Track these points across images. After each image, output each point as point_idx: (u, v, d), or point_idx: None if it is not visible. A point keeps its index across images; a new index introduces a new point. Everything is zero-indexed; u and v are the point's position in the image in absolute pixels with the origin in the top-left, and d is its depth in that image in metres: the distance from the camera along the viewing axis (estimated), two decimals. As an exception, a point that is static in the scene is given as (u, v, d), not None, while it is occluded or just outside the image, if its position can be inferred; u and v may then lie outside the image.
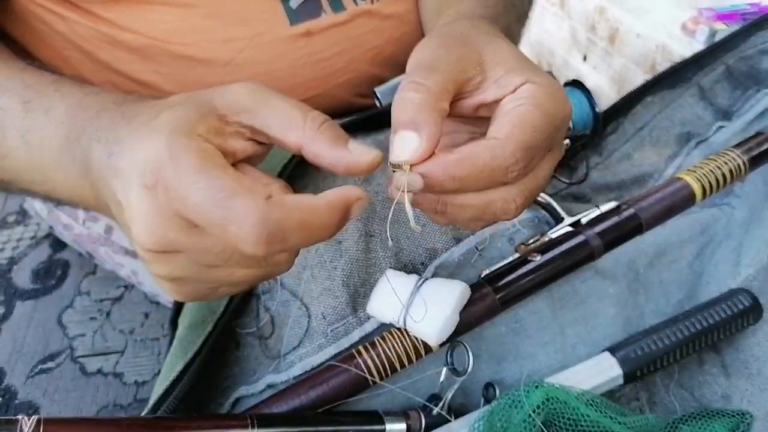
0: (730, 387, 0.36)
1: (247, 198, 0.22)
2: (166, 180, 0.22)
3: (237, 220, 0.22)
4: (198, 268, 0.25)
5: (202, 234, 0.23)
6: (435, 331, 0.31)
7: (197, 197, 0.22)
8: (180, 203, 0.22)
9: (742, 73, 0.48)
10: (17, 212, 0.72)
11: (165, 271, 0.25)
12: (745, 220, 0.42)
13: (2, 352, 0.54)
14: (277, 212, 0.22)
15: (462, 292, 0.32)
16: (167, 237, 0.23)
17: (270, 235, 0.22)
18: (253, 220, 0.22)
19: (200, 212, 0.22)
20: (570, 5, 1.06)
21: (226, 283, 0.26)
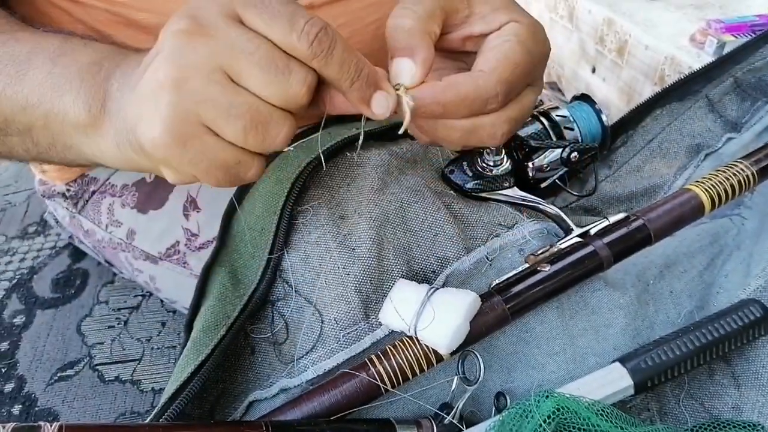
0: (741, 398, 0.36)
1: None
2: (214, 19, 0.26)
3: (305, 15, 0.26)
4: (212, 68, 0.26)
5: (241, 27, 0.26)
6: (445, 340, 0.32)
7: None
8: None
9: (750, 84, 0.48)
10: (38, 223, 0.73)
11: (177, 64, 0.26)
12: (756, 231, 0.42)
13: (23, 360, 0.55)
14: (330, 27, 0.27)
15: (472, 302, 0.33)
16: (209, 18, 0.26)
17: (326, 34, 0.26)
18: (317, 19, 0.26)
19: (273, 5, 0.26)
20: (579, 18, 1.07)
21: (225, 106, 0.26)
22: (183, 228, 0.48)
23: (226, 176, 0.28)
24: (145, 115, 0.27)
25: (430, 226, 0.39)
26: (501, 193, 0.42)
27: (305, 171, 0.38)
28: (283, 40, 0.26)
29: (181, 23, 0.26)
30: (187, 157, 0.27)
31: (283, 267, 0.37)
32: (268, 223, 0.37)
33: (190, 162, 0.27)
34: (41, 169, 0.56)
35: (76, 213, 0.55)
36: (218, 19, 0.26)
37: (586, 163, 0.44)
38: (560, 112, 0.45)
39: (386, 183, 0.39)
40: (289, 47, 0.26)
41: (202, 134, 0.27)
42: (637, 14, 0.93)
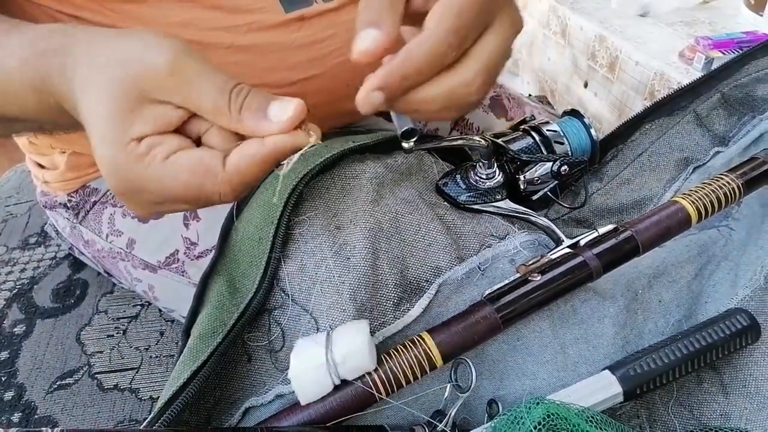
0: (729, 405, 0.37)
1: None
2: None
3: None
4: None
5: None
6: (368, 358, 0.32)
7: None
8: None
9: (737, 100, 0.50)
10: (38, 234, 0.74)
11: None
12: (743, 242, 0.43)
13: (23, 368, 0.55)
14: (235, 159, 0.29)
15: (366, 325, 0.34)
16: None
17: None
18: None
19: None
20: (571, 34, 1.09)
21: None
22: (182, 237, 0.49)
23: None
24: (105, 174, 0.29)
25: (424, 237, 0.40)
26: (493, 205, 0.43)
27: (302, 182, 0.39)
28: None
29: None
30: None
31: (280, 276, 0.38)
32: (266, 232, 0.38)
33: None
34: (43, 180, 0.57)
35: (76, 223, 0.56)
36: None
37: (577, 176, 0.45)
38: (551, 127, 0.47)
39: (381, 194, 0.40)
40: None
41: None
42: (628, 31, 0.95)
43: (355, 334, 0.33)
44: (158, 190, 0.29)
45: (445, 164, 0.48)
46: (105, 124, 0.28)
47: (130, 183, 0.29)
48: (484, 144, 0.42)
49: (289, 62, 0.47)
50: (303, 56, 0.47)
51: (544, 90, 1.26)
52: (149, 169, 0.28)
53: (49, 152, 0.54)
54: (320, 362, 0.32)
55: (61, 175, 0.54)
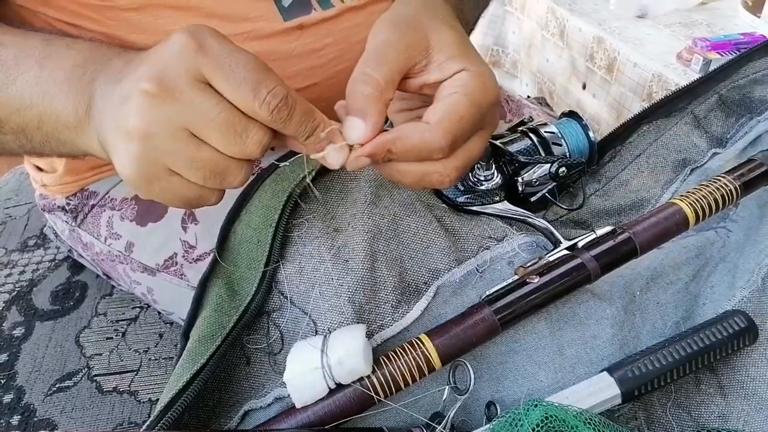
0: (727, 407, 0.37)
1: (279, 77, 0.29)
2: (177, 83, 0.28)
3: (269, 84, 0.28)
4: (176, 127, 0.28)
5: (205, 91, 0.28)
6: (363, 363, 0.32)
7: (241, 60, 0.29)
8: (218, 62, 0.28)
9: (734, 101, 0.50)
10: (37, 236, 0.74)
11: (144, 120, 0.28)
12: (741, 243, 0.43)
13: (22, 371, 0.55)
14: (295, 94, 0.30)
15: (362, 329, 0.34)
16: (175, 80, 0.28)
17: (286, 103, 0.29)
18: (281, 88, 0.29)
19: (240, 71, 0.28)
20: (569, 36, 1.09)
21: (187, 159, 0.29)
22: (181, 240, 0.49)
23: (190, 205, 0.32)
24: (117, 153, 0.30)
25: (422, 239, 0.40)
26: (491, 207, 0.44)
27: (300, 185, 0.39)
28: (246, 107, 0.28)
29: (148, 84, 0.28)
30: (154, 192, 0.31)
31: (279, 278, 0.38)
32: (264, 235, 0.38)
33: (157, 195, 0.31)
34: (41, 183, 0.57)
35: (75, 226, 0.56)
36: (184, 82, 0.28)
37: (575, 177, 0.45)
38: (549, 129, 0.47)
39: (379, 197, 0.40)
40: (250, 112, 0.29)
41: (168, 176, 0.30)
42: (626, 32, 0.95)
43: (351, 339, 0.33)
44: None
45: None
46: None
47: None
48: (482, 146, 0.42)
49: (288, 71, 0.47)
50: (302, 65, 0.47)
51: (542, 91, 1.26)
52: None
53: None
54: (315, 366, 0.32)
55: (59, 178, 0.54)
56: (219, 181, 0.30)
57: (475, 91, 0.33)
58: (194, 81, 0.28)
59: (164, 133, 0.28)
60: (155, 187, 0.30)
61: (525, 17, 1.32)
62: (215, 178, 0.30)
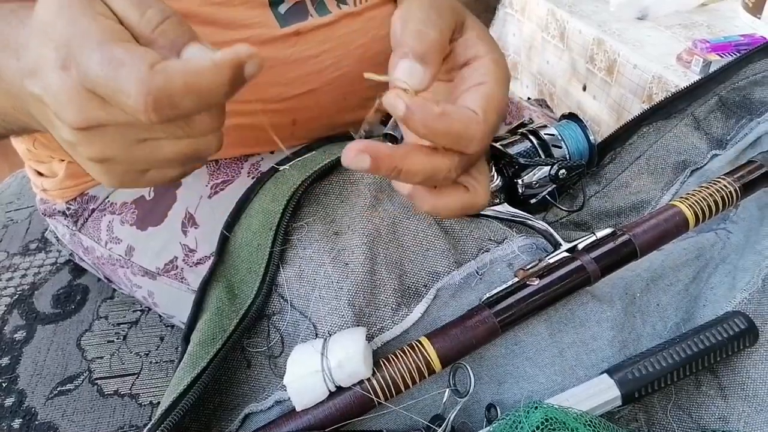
0: (728, 408, 0.37)
1: (131, 67, 0.22)
2: (74, 58, 0.23)
3: (124, 89, 0.22)
4: (126, 143, 0.26)
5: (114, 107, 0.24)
6: (363, 366, 0.32)
7: (92, 71, 0.23)
8: (84, 77, 0.23)
9: (735, 103, 0.50)
10: (39, 240, 0.74)
11: (95, 151, 0.26)
12: (741, 245, 0.43)
13: (23, 374, 0.56)
14: (158, 79, 0.22)
15: (362, 332, 0.34)
16: (91, 112, 0.24)
17: (156, 101, 0.22)
18: (137, 88, 0.22)
19: (97, 84, 0.23)
20: (569, 37, 1.09)
21: (155, 161, 0.27)
22: (181, 244, 0.49)
23: (182, 178, 0.30)
24: (88, 170, 0.28)
25: (422, 242, 0.40)
26: (491, 209, 0.44)
27: (300, 188, 0.39)
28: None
29: (74, 122, 0.25)
30: (142, 185, 0.29)
31: (279, 282, 0.38)
32: (264, 239, 0.38)
33: (147, 185, 0.30)
34: (42, 188, 0.57)
35: (76, 231, 0.56)
36: (97, 110, 0.24)
37: (575, 179, 0.45)
38: (548, 131, 0.47)
39: (379, 200, 0.40)
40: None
41: (146, 173, 0.28)
42: (626, 34, 0.95)
43: (351, 342, 0.33)
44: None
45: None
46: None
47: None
48: (481, 148, 0.42)
49: (285, 77, 0.47)
50: (299, 71, 0.47)
51: (542, 93, 1.27)
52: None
53: (47, 160, 0.55)
54: (315, 369, 0.32)
55: (59, 182, 0.54)
56: (196, 159, 0.28)
57: (502, 78, 0.31)
58: (97, 103, 0.24)
59: (120, 152, 0.26)
60: (141, 184, 0.29)
61: (525, 19, 1.32)
62: (190, 159, 0.28)
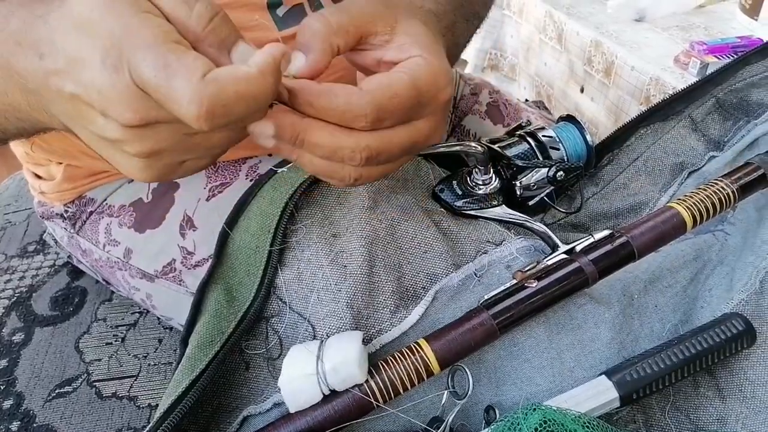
0: (725, 410, 0.37)
1: (185, 77, 0.23)
2: (127, 56, 0.23)
3: (177, 98, 0.23)
4: (178, 137, 0.26)
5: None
6: (357, 371, 0.32)
7: (145, 76, 0.23)
8: (139, 79, 0.23)
9: (732, 105, 0.50)
10: (37, 242, 0.74)
11: (146, 146, 0.26)
12: (738, 246, 0.43)
13: (21, 377, 0.55)
14: (211, 88, 0.23)
15: (359, 336, 0.34)
16: (146, 111, 0.24)
17: (209, 111, 0.23)
18: (189, 98, 0.23)
19: (151, 89, 0.23)
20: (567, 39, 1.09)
21: (204, 150, 0.28)
22: (179, 246, 0.49)
23: (217, 157, 0.30)
24: (124, 167, 0.28)
25: (420, 244, 0.40)
26: (489, 211, 0.44)
27: (298, 191, 0.39)
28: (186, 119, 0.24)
29: (127, 118, 0.25)
30: (171, 179, 0.29)
31: (277, 284, 0.38)
32: (263, 241, 0.38)
33: (180, 177, 0.29)
34: (39, 190, 0.57)
35: (74, 233, 0.56)
36: (150, 108, 0.25)
37: (572, 181, 0.45)
38: (546, 133, 0.47)
39: (377, 202, 0.40)
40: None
41: (182, 165, 0.28)
42: (624, 36, 0.96)
43: (347, 346, 0.33)
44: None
45: (442, 170, 0.49)
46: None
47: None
48: (480, 150, 0.42)
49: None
50: None
51: (540, 95, 1.27)
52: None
53: (45, 163, 0.55)
54: (310, 372, 0.32)
55: (57, 185, 0.54)
56: (237, 142, 0.28)
57: (420, 75, 0.30)
58: (150, 103, 0.24)
59: (172, 146, 0.27)
60: (172, 177, 0.29)
61: (523, 21, 1.32)
62: (234, 143, 0.28)
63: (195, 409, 0.35)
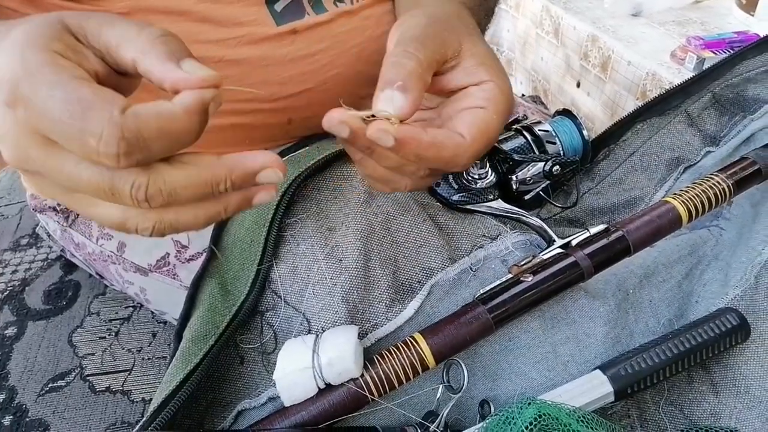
0: (719, 405, 0.37)
1: (104, 110, 0.22)
2: (24, 96, 0.22)
3: (94, 131, 0.21)
4: (62, 190, 0.25)
5: (61, 153, 0.23)
6: (353, 365, 0.32)
7: (54, 111, 0.22)
8: (37, 119, 0.22)
9: (728, 100, 0.50)
10: (30, 235, 0.74)
11: (36, 186, 0.26)
12: (734, 242, 0.43)
13: (14, 371, 0.55)
14: (132, 122, 0.22)
15: (354, 330, 0.34)
16: (29, 155, 0.23)
17: (129, 145, 0.22)
18: (110, 130, 0.21)
19: (57, 126, 0.22)
20: (564, 34, 1.09)
21: (91, 216, 0.26)
22: (173, 240, 0.49)
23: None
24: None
25: (416, 238, 0.40)
26: (485, 206, 0.44)
27: (293, 184, 0.39)
28: (93, 162, 0.23)
29: (14, 164, 0.24)
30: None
31: (272, 278, 0.38)
32: (258, 235, 0.38)
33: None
34: (33, 182, 0.57)
35: (66, 227, 0.56)
36: (38, 154, 0.23)
37: (569, 176, 0.45)
38: (543, 127, 0.47)
39: (372, 196, 0.40)
40: (103, 166, 0.23)
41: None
42: (620, 30, 0.96)
43: (343, 340, 0.33)
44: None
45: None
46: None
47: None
48: (476, 144, 0.42)
49: (281, 76, 0.46)
50: (295, 70, 0.47)
51: (537, 90, 1.27)
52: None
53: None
54: (306, 366, 0.32)
55: (49, 178, 0.54)
56: (133, 230, 0.26)
57: (504, 110, 0.32)
58: (44, 146, 0.23)
59: (58, 196, 0.25)
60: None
61: (519, 15, 1.32)
62: (126, 229, 0.26)
63: (189, 404, 0.35)
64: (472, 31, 0.36)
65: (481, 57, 0.33)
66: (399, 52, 0.30)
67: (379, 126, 0.27)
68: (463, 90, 0.33)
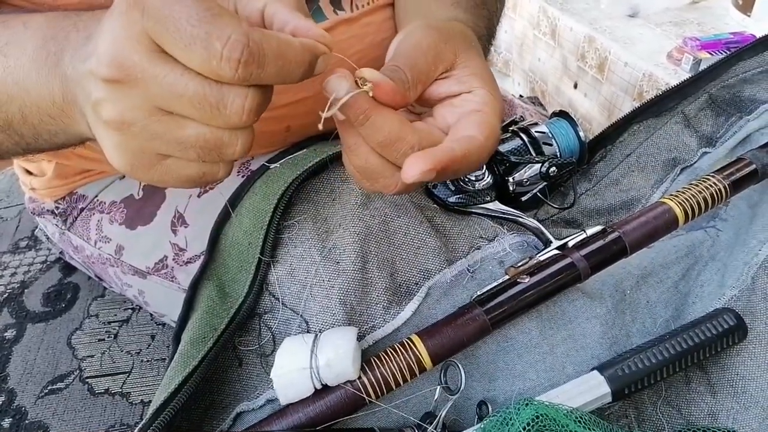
0: (717, 405, 0.37)
1: (233, 19, 0.23)
2: (143, 1, 0.23)
3: (222, 34, 0.23)
4: (149, 110, 0.25)
5: (167, 62, 0.24)
6: (351, 367, 0.32)
7: (182, 12, 0.23)
8: (156, 20, 0.23)
9: (725, 100, 0.50)
10: (29, 237, 0.74)
11: (116, 111, 0.25)
12: (730, 242, 0.43)
13: (13, 373, 0.55)
14: (258, 34, 0.23)
15: (353, 332, 0.34)
16: (131, 59, 0.24)
17: (250, 54, 0.23)
18: (237, 36, 0.23)
19: (182, 26, 0.23)
20: (561, 35, 1.09)
21: (173, 141, 0.26)
22: (171, 243, 0.49)
23: (196, 184, 0.29)
24: (103, 144, 0.28)
25: (413, 240, 0.40)
26: (482, 207, 0.44)
27: (291, 187, 0.39)
28: (207, 70, 0.24)
29: (108, 70, 0.25)
30: (153, 178, 0.28)
31: (270, 280, 0.38)
32: (255, 237, 0.38)
33: (158, 181, 0.28)
34: (30, 186, 0.57)
35: (65, 230, 0.56)
36: (141, 58, 0.24)
37: (565, 177, 0.45)
38: (539, 129, 0.47)
39: (370, 198, 0.40)
40: (215, 76, 0.24)
41: (160, 160, 0.27)
42: (617, 31, 0.96)
43: (341, 342, 0.33)
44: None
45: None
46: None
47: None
48: (473, 146, 0.42)
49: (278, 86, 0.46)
50: None
51: (534, 91, 1.27)
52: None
53: (36, 159, 0.54)
54: (304, 365, 0.32)
55: (48, 181, 0.54)
56: (217, 155, 0.27)
57: (500, 114, 0.33)
58: (150, 53, 0.24)
59: (141, 120, 0.25)
60: (152, 173, 0.28)
61: (517, 16, 1.32)
62: (211, 153, 0.27)
63: (188, 406, 0.35)
64: (470, 44, 0.36)
65: (475, 69, 0.34)
66: (387, 67, 0.31)
67: (420, 173, 0.29)
68: (457, 96, 0.33)
